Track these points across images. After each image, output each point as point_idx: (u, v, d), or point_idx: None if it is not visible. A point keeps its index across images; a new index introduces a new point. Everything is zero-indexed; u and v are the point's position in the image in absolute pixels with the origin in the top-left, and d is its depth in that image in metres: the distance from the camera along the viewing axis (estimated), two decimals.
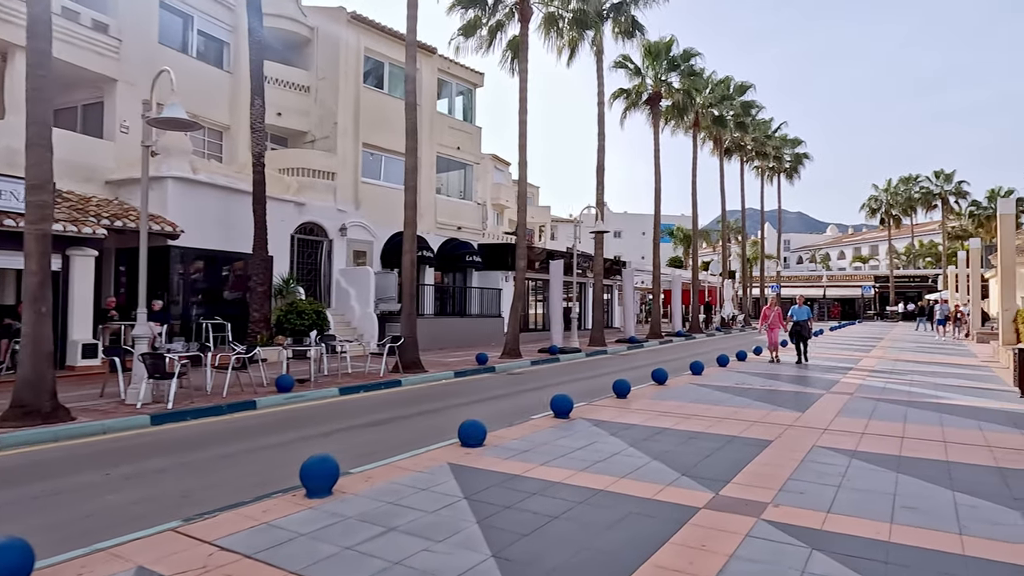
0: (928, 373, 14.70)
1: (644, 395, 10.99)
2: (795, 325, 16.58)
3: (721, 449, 7.06)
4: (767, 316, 17.48)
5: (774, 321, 17.14)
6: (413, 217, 14.40)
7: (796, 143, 48.43)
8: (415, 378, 13.52)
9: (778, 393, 11.45)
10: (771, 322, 17.23)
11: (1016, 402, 10.46)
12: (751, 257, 58.80)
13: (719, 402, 10.32)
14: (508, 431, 7.96)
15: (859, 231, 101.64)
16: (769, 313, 17.44)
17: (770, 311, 17.40)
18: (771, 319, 17.24)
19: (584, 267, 27.70)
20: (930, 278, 60.93)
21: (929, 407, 9.89)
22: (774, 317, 17.16)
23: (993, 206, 55.26)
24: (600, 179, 23.07)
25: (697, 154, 31.54)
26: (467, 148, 25.41)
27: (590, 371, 16.38)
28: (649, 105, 27.83)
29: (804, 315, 16.66)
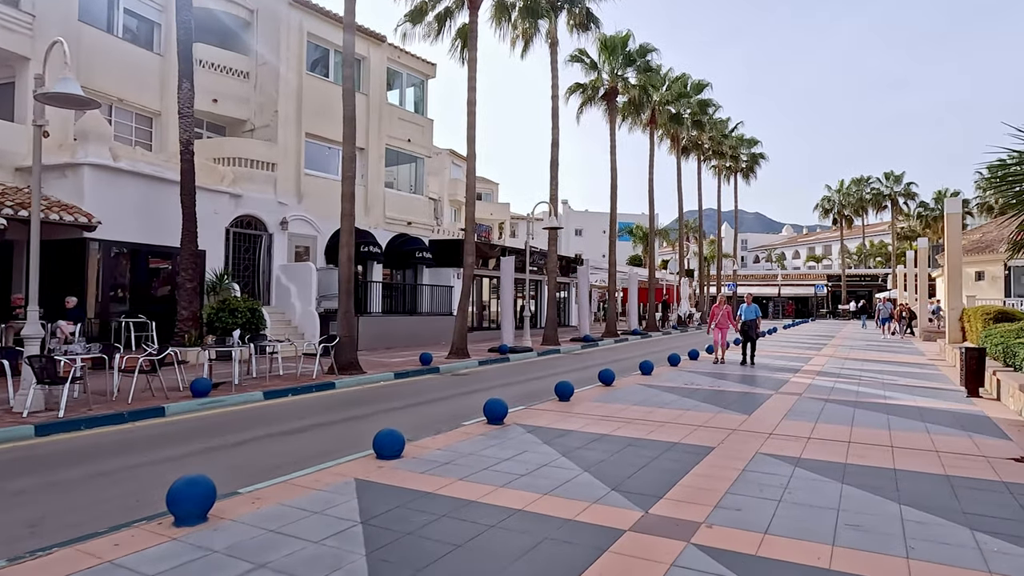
0: (877, 372, 14.59)
1: (588, 397, 10.46)
2: (743, 325, 15.84)
3: (659, 458, 6.54)
4: (715, 315, 16.60)
5: (722, 320, 16.32)
6: (351, 209, 13.60)
7: (753, 143, 48.90)
8: (351, 380, 12.74)
9: (726, 394, 11.07)
10: (719, 321, 16.41)
11: (963, 402, 10.27)
12: (708, 256, 59.33)
13: (664, 404, 9.86)
14: (433, 440, 7.30)
15: (813, 231, 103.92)
16: (717, 312, 16.55)
17: (718, 310, 16.56)
18: (719, 318, 16.40)
19: (540, 264, 27.19)
20: (880, 277, 62.49)
21: (877, 408, 9.60)
22: (722, 316, 16.33)
23: (940, 207, 56.91)
24: (554, 174, 22.55)
25: (654, 152, 31.39)
26: (418, 141, 24.60)
27: (539, 371, 15.82)
28: (605, 101, 27.45)
29: (752, 314, 15.90)
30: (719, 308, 16.53)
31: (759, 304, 63.93)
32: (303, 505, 4.99)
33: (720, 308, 16.49)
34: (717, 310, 16.55)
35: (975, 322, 15.97)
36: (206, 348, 11.67)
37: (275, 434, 8.41)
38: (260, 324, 16.07)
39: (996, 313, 15.05)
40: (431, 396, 11.87)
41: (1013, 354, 10.67)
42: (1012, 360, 10.71)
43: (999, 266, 34.73)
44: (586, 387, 11.80)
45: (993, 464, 6.35)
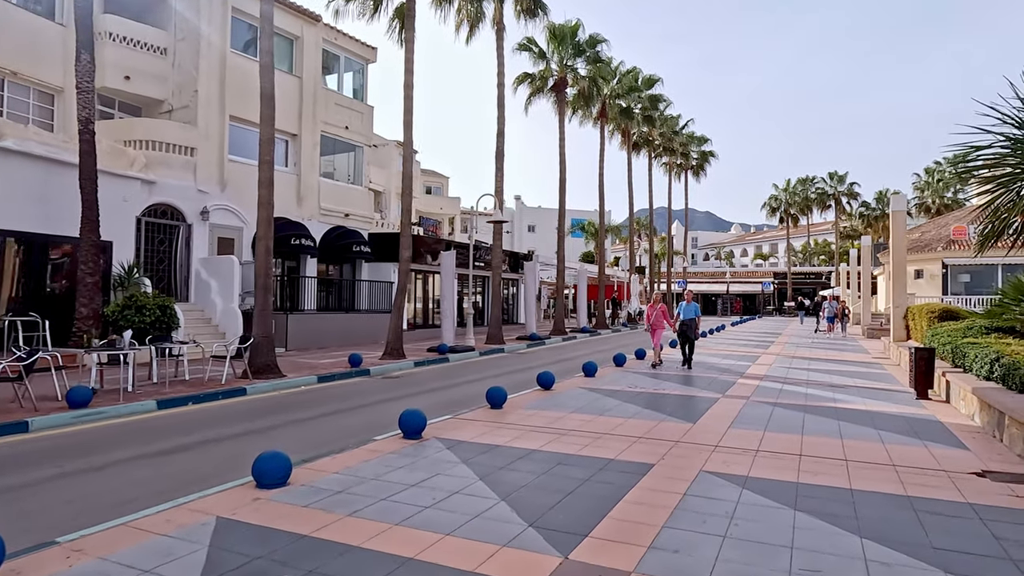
0: (824, 371, 14.20)
1: (523, 404, 9.58)
2: (681, 325, 14.45)
3: (590, 480, 5.69)
4: (650, 315, 15.05)
5: (657, 320, 14.85)
6: (269, 197, 12.35)
7: (703, 141, 49.09)
8: (265, 385, 11.53)
9: (670, 399, 10.35)
10: (654, 321, 14.89)
11: (913, 405, 9.82)
12: (659, 253, 59.51)
13: (605, 411, 9.05)
14: (332, 461, 6.27)
15: (760, 230, 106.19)
16: (652, 312, 15.03)
17: (653, 309, 15.04)
18: (654, 318, 14.90)
19: (487, 260, 26.24)
20: (824, 275, 63.93)
21: (827, 413, 9.02)
22: (657, 316, 14.85)
23: (881, 207, 58.51)
24: (499, 165, 21.61)
25: (604, 146, 30.78)
26: (358, 128, 23.28)
27: (477, 373, 14.88)
28: (555, 92, 26.66)
29: (692, 313, 14.54)
30: (654, 307, 15.04)
31: (708, 301, 65.06)
32: (131, 559, 3.91)
33: (655, 307, 15.02)
34: (652, 309, 15.08)
35: (919, 320, 15.81)
36: (90, 351, 10.26)
37: (151, 454, 7.21)
38: (172, 323, 14.64)
39: (941, 311, 14.89)
40: (353, 403, 10.78)
41: (962, 355, 10.29)
42: (961, 361, 10.33)
43: (937, 264, 35.57)
44: (523, 391, 10.92)
45: (955, 481, 5.73)
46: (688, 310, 14.53)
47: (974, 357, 9.59)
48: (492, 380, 13.29)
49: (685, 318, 14.46)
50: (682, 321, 14.48)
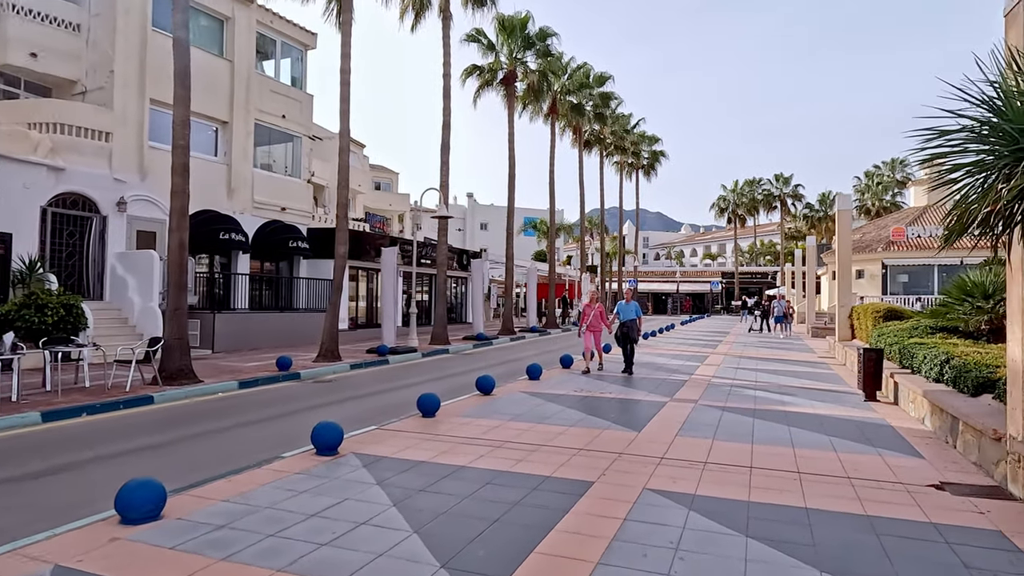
0: (772, 372, 13.96)
1: (459, 411, 8.85)
2: (621, 326, 13.13)
3: (521, 503, 5.01)
4: (586, 315, 13.57)
5: (594, 321, 13.42)
6: (183, 185, 11.24)
7: (654, 140, 49.29)
8: (177, 393, 10.45)
9: (615, 403, 9.79)
10: (590, 322, 13.41)
11: (862, 408, 9.53)
12: (611, 252, 59.66)
13: (546, 418, 8.41)
14: (225, 484, 5.41)
15: (709, 231, 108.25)
16: (589, 311, 13.60)
17: (589, 309, 13.65)
18: (590, 318, 13.45)
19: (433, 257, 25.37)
20: (770, 275, 65.33)
21: (777, 417, 8.61)
22: (594, 316, 13.45)
23: (824, 209, 60.09)
24: (445, 159, 20.78)
25: (555, 143, 30.29)
26: (295, 118, 22.08)
27: (417, 376, 14.07)
28: (504, 85, 25.98)
29: (632, 313, 13.25)
30: (591, 306, 13.68)
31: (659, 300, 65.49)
32: None
33: (591, 307, 13.66)
34: (589, 308, 13.68)
35: (864, 320, 15.80)
36: None
37: (17, 478, 6.19)
38: (79, 323, 13.34)
39: (885, 311, 14.87)
40: (273, 411, 9.84)
41: (910, 355, 10.07)
42: (909, 362, 10.12)
43: (877, 265, 36.51)
44: (461, 397, 10.20)
45: (914, 495, 5.30)
46: (628, 310, 13.28)
47: (923, 358, 9.36)
48: (431, 384, 12.52)
49: (624, 319, 13.19)
50: (621, 322, 13.22)
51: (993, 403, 6.85)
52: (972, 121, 4.31)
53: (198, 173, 18.22)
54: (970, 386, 7.52)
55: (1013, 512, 4.90)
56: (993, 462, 5.81)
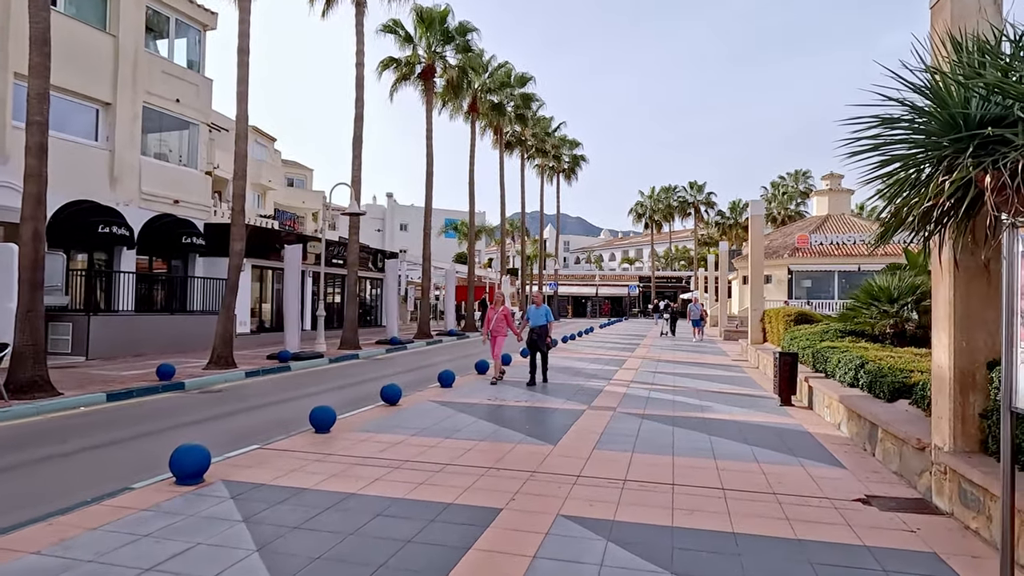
0: (689, 376, 13.83)
1: (358, 425, 7.97)
2: (530, 333, 11.74)
3: (415, 541, 4.25)
4: (490, 320, 12.08)
5: (498, 325, 12.00)
6: (39, 167, 9.70)
7: (575, 144, 49.59)
8: (27, 408, 8.97)
9: (530, 413, 9.18)
10: (494, 327, 11.97)
11: (779, 413, 9.37)
12: (532, 255, 59.66)
13: (455, 431, 7.67)
14: (36, 532, 4.34)
15: (627, 236, 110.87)
16: (492, 315, 12.08)
17: (494, 312, 12.16)
18: (494, 323, 12.00)
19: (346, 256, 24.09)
20: (684, 279, 67.39)
21: (697, 425, 8.26)
22: (498, 320, 12.00)
23: (734, 216, 62.58)
24: (357, 152, 19.63)
25: (475, 142, 29.62)
26: (192, 103, 20.26)
27: (319, 385, 12.97)
28: (423, 80, 25.04)
29: (541, 318, 11.86)
30: (495, 310, 12.19)
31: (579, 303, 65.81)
32: None
33: (495, 310, 12.15)
34: (493, 312, 12.17)
35: (776, 323, 16.04)
36: None
37: None
38: None
39: (796, 314, 15.13)
40: (141, 430, 8.56)
41: (824, 359, 10.05)
42: (823, 366, 10.09)
43: (784, 270, 38.13)
44: (363, 408, 9.29)
45: (842, 512, 4.94)
46: (537, 315, 11.92)
47: (837, 363, 9.30)
48: (333, 394, 11.50)
49: (534, 324, 11.84)
50: (530, 328, 11.88)
51: (911, 409, 6.71)
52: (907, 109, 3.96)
53: (74, 158, 16.40)
54: (886, 391, 7.40)
55: (943, 529, 4.60)
56: (916, 473, 5.58)
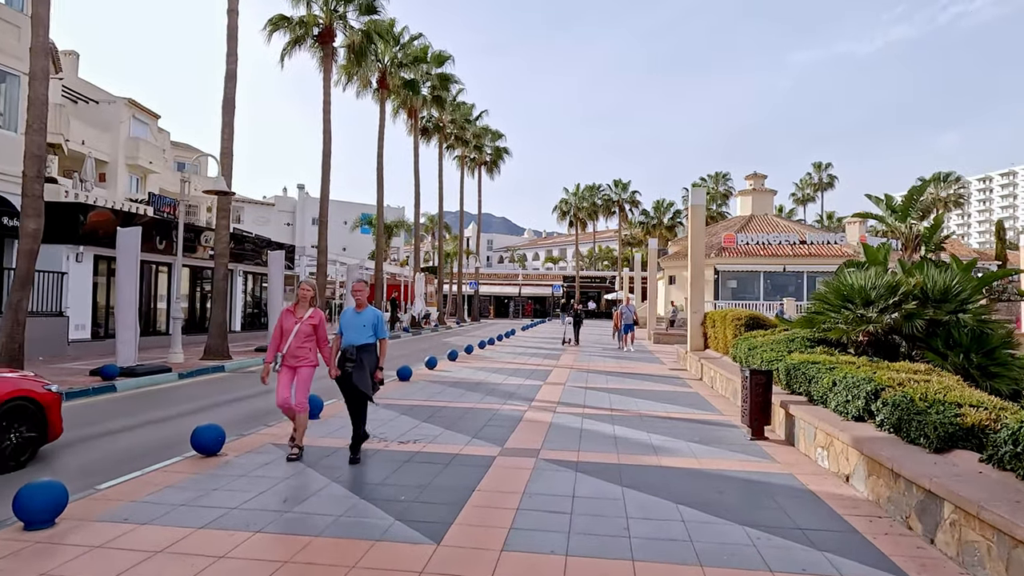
0: (627, 393, 11.36)
1: (125, 499, 4.87)
2: (343, 357, 6.32)
3: None
4: (282, 335, 6.50)
5: (298, 347, 6.43)
6: None
7: (497, 136, 46.96)
8: None
9: (415, 466, 6.32)
10: (291, 349, 6.41)
11: (752, 452, 6.99)
12: (451, 252, 56.64)
13: (279, 516, 4.73)
14: None
15: (552, 235, 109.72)
16: (290, 326, 6.45)
17: (293, 320, 6.48)
18: (291, 342, 6.43)
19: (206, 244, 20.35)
20: (608, 279, 66.28)
21: (655, 482, 5.67)
22: (299, 339, 6.41)
23: (658, 215, 61.92)
24: (228, 119, 16.01)
25: (385, 122, 26.25)
26: (10, 48, 16.08)
27: (136, 415, 9.54)
28: (320, 44, 21.60)
29: (363, 333, 6.41)
30: (293, 316, 6.51)
31: (501, 303, 62.66)
32: None
33: (297, 317, 6.48)
34: (291, 321, 6.48)
35: (723, 328, 13.93)
36: None
37: None
38: None
39: (748, 318, 13.02)
40: None
41: (806, 379, 7.76)
42: (804, 387, 7.81)
43: (710, 270, 36.98)
44: (163, 462, 6.16)
45: None
46: (355, 325, 6.40)
47: (829, 385, 7.00)
48: (144, 432, 8.21)
49: (348, 344, 6.34)
50: (343, 350, 6.36)
51: (990, 471, 4.36)
52: None
53: None
54: (930, 436, 5.07)
55: None
56: None
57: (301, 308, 6.47)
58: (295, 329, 6.36)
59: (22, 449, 6.32)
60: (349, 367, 6.26)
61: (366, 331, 6.35)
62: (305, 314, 6.45)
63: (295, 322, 6.39)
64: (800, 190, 73.46)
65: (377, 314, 6.53)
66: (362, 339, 6.31)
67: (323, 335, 6.52)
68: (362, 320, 6.38)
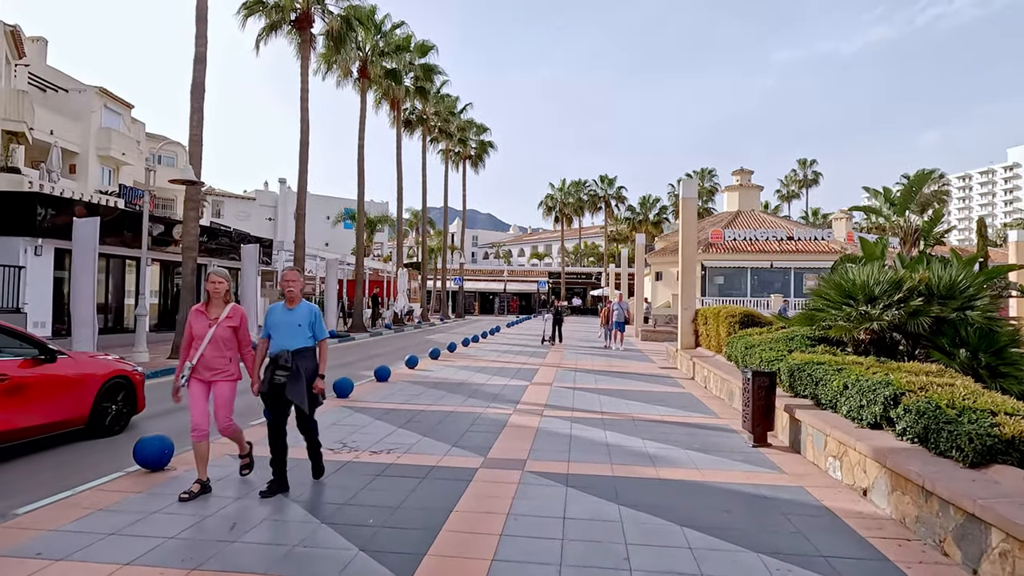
0: (617, 394, 10.79)
1: (70, 514, 4.18)
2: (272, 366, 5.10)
3: None
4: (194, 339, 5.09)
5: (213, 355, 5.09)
6: None
7: (482, 130, 46.21)
8: None
9: (387, 481, 5.67)
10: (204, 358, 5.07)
11: (756, 461, 6.44)
12: (435, 248, 55.90)
13: (254, 519, 4.06)
14: None
15: (537, 231, 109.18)
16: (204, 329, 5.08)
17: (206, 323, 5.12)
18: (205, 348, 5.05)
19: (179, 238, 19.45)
20: (594, 275, 65.87)
21: (655, 500, 5.08)
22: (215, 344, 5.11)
23: (644, 212, 61.54)
24: (198, 105, 15.15)
25: (366, 111, 25.41)
26: None
27: None
28: (298, 29, 20.77)
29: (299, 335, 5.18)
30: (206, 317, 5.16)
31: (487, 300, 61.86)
32: None
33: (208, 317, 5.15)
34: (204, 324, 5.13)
35: (716, 325, 13.40)
36: None
37: None
38: None
39: (742, 315, 12.50)
40: None
41: (812, 380, 7.22)
42: (810, 389, 7.27)
43: (697, 266, 36.61)
44: (105, 478, 5.46)
45: None
46: (286, 324, 5.20)
47: (840, 388, 6.46)
48: (91, 442, 7.45)
49: (277, 350, 5.16)
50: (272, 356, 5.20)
51: None
52: None
53: None
54: (964, 449, 4.52)
55: None
56: None
57: (215, 306, 5.22)
58: (208, 334, 5.09)
59: (120, 418, 7.65)
60: (281, 377, 5.06)
61: (301, 332, 5.20)
62: (221, 314, 5.17)
63: (208, 325, 5.13)
64: (785, 186, 73.55)
65: (314, 311, 5.37)
66: (297, 342, 5.16)
67: (245, 339, 5.33)
68: (295, 318, 5.22)
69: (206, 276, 5.40)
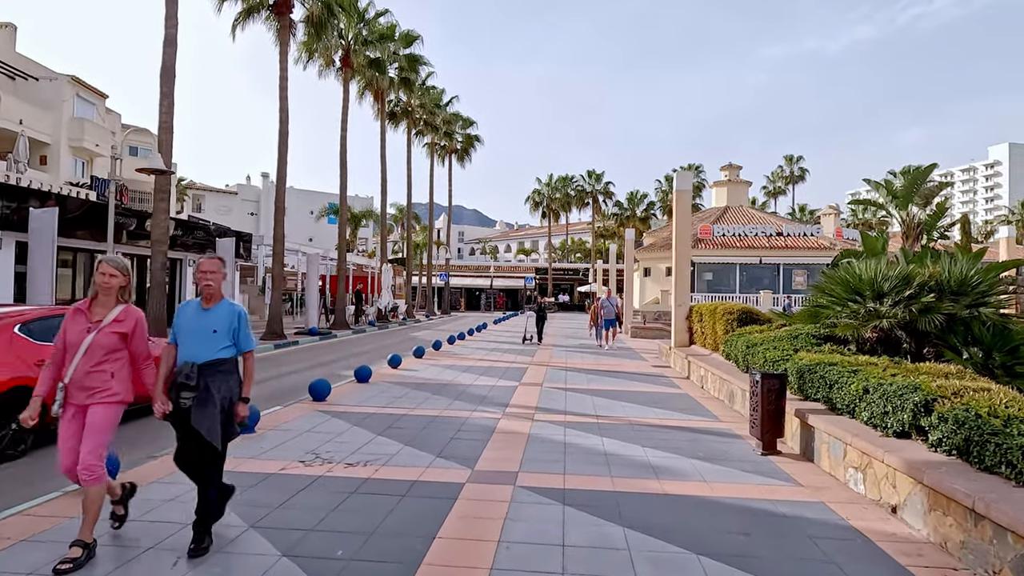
0: (612, 396, 10.23)
1: None
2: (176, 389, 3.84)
3: None
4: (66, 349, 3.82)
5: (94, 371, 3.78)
6: None
7: (469, 123, 45.46)
8: None
9: (353, 509, 5.05)
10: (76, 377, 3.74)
11: (769, 473, 5.90)
12: (420, 243, 55.13)
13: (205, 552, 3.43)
14: None
15: (524, 227, 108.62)
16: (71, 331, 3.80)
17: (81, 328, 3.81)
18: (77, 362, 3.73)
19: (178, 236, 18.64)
20: (581, 271, 65.45)
21: (664, 522, 4.50)
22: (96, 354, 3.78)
23: (631, 207, 61.16)
24: (167, 90, 14.33)
25: (348, 101, 24.63)
26: None
27: None
28: (276, 15, 19.97)
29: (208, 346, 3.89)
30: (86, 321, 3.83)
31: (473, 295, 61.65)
32: None
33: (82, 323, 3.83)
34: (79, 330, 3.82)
35: (712, 322, 12.89)
36: None
37: None
38: None
39: (740, 312, 11.99)
40: None
41: (825, 383, 6.70)
42: (823, 392, 6.75)
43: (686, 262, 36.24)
44: (41, 499, 4.78)
45: None
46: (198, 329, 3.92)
47: (859, 392, 5.94)
48: (40, 454, 6.74)
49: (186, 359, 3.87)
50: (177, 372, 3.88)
51: None
52: None
53: None
54: (1018, 465, 4.00)
55: None
56: None
57: (101, 305, 3.87)
58: (86, 341, 3.74)
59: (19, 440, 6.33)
60: (186, 400, 3.78)
61: (217, 340, 3.88)
62: (107, 316, 3.84)
63: (86, 329, 3.79)
64: (772, 183, 73.58)
65: (237, 312, 4.01)
66: (210, 352, 3.85)
67: (141, 348, 3.96)
68: (210, 322, 3.90)
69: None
